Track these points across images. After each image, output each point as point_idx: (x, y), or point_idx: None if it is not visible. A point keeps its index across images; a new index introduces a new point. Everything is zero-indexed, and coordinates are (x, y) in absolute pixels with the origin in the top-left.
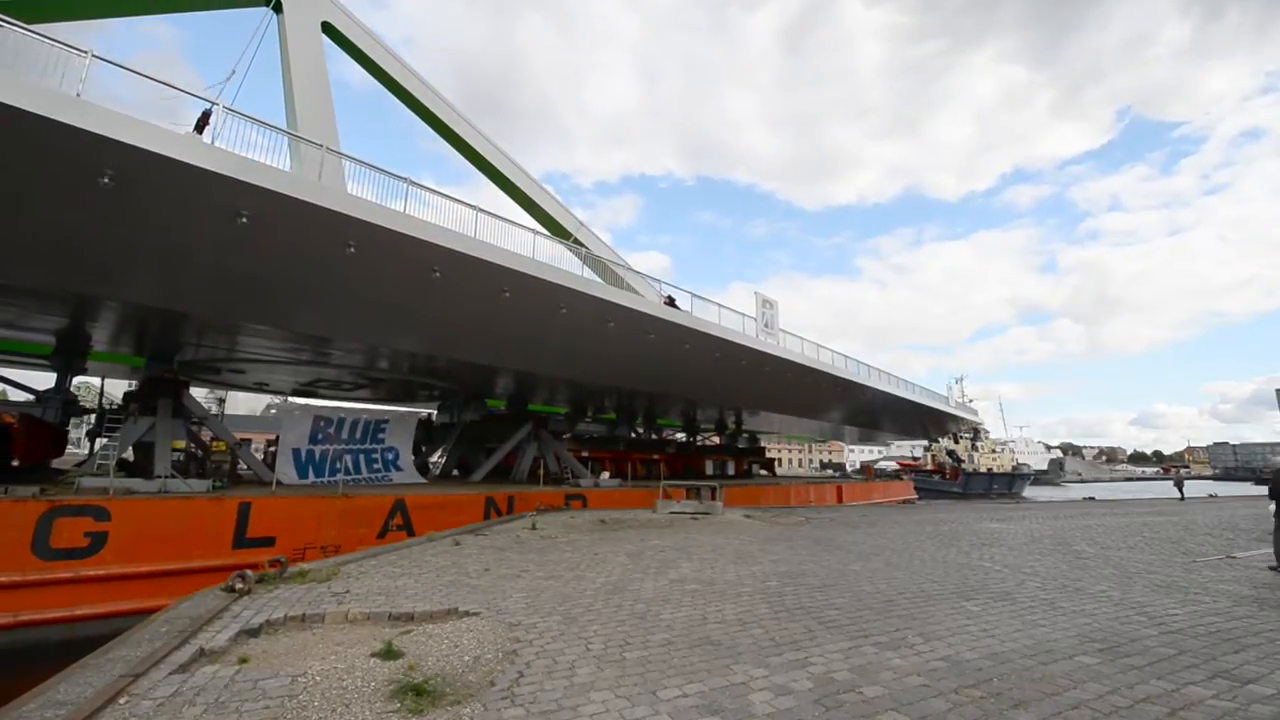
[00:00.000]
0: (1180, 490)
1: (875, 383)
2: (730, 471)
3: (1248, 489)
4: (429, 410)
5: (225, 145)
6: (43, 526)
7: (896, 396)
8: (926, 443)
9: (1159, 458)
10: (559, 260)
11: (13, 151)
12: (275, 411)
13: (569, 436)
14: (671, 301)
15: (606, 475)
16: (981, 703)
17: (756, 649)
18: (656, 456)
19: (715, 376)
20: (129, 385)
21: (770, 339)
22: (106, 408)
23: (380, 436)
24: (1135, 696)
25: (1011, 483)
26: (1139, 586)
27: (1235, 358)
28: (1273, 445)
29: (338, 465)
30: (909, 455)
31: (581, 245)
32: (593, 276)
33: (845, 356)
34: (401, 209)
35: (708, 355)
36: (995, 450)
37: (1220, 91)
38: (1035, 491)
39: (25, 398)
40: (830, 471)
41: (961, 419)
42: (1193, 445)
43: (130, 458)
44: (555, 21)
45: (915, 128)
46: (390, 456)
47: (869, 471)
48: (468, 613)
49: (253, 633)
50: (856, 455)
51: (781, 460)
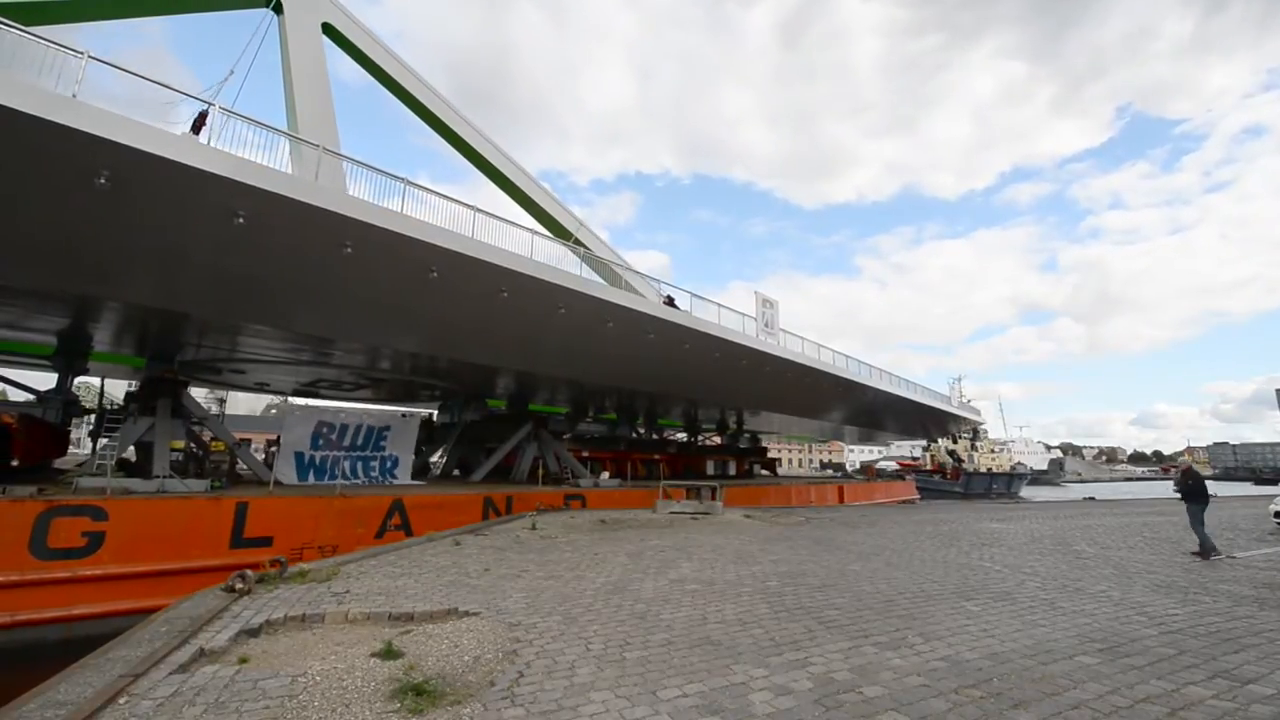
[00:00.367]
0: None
1: (877, 383)
2: (731, 471)
3: (1247, 489)
4: (430, 410)
5: (224, 146)
6: (40, 526)
7: (899, 396)
8: (925, 443)
9: (1159, 458)
10: (559, 260)
11: (8, 152)
12: (275, 412)
13: (569, 436)
14: (671, 301)
15: (606, 475)
16: (981, 703)
17: (756, 649)
18: (657, 456)
19: (715, 376)
20: (129, 386)
21: (770, 339)
22: (107, 408)
23: (382, 444)
24: (1135, 696)
25: (1010, 482)
26: (1139, 586)
27: (1236, 357)
28: (1273, 445)
29: (337, 470)
30: (908, 455)
31: (583, 246)
32: (593, 276)
33: (846, 356)
34: (398, 208)
35: (707, 355)
36: (994, 450)
37: (1222, 87)
38: (1035, 491)
39: (27, 398)
40: (830, 471)
41: (963, 419)
42: (1193, 445)
43: (133, 458)
44: (549, 15)
45: (913, 125)
46: (390, 464)
47: (871, 472)
48: (468, 613)
49: (253, 633)
50: (856, 455)
51: (782, 460)
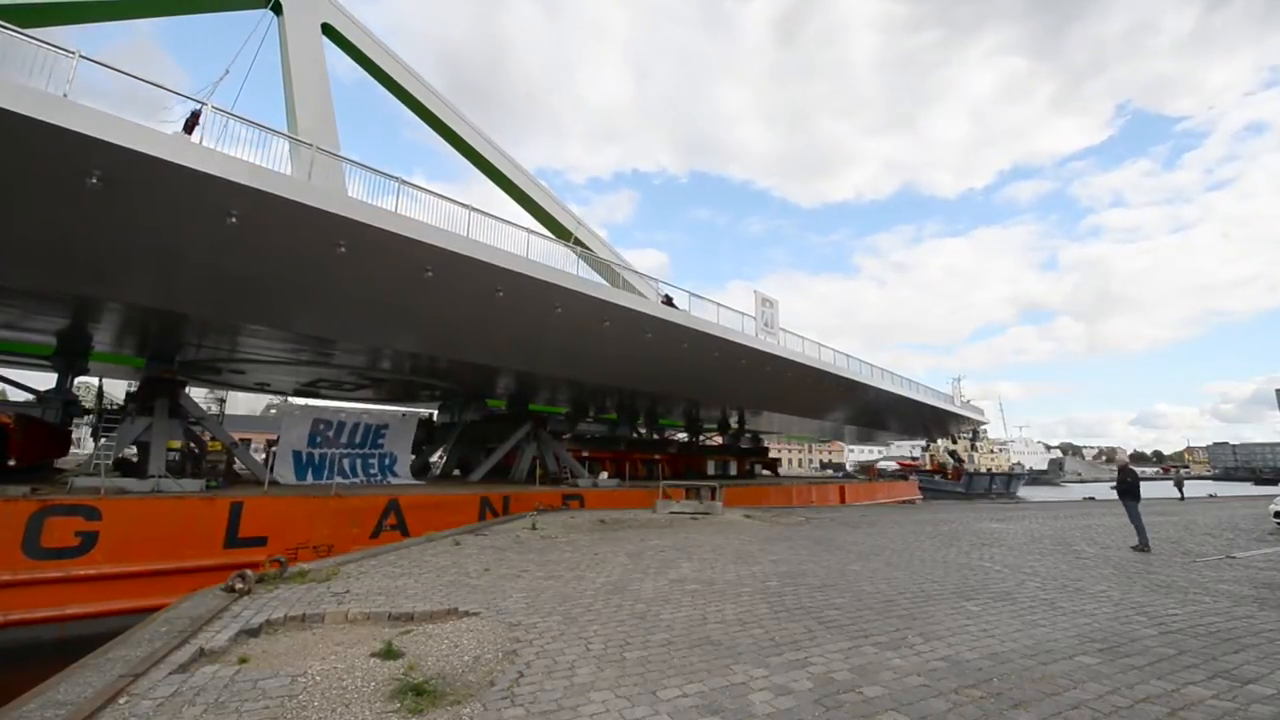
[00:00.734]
0: (1180, 490)
1: (879, 382)
2: (732, 471)
3: (1247, 489)
4: (430, 410)
5: (219, 147)
6: (33, 526)
7: (901, 396)
8: (925, 443)
9: (1159, 458)
10: (557, 260)
11: (1, 152)
12: (275, 412)
13: (570, 436)
14: (669, 301)
15: (605, 475)
16: (981, 703)
17: (756, 649)
18: (657, 456)
19: (715, 376)
20: (129, 386)
21: (770, 338)
22: (108, 408)
23: (380, 442)
24: (1135, 696)
25: (1009, 482)
26: (1139, 586)
27: (1237, 357)
28: (1273, 445)
29: (336, 468)
30: (908, 455)
31: (582, 245)
32: (592, 276)
33: (847, 356)
34: (393, 207)
35: (706, 355)
36: (994, 450)
37: (1223, 84)
38: (1035, 492)
39: (27, 398)
40: (830, 471)
41: (965, 419)
42: (1193, 445)
43: (135, 458)
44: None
45: (912, 123)
46: (388, 462)
47: (872, 471)
48: (468, 613)
49: (253, 633)
50: (856, 455)
51: (782, 460)
